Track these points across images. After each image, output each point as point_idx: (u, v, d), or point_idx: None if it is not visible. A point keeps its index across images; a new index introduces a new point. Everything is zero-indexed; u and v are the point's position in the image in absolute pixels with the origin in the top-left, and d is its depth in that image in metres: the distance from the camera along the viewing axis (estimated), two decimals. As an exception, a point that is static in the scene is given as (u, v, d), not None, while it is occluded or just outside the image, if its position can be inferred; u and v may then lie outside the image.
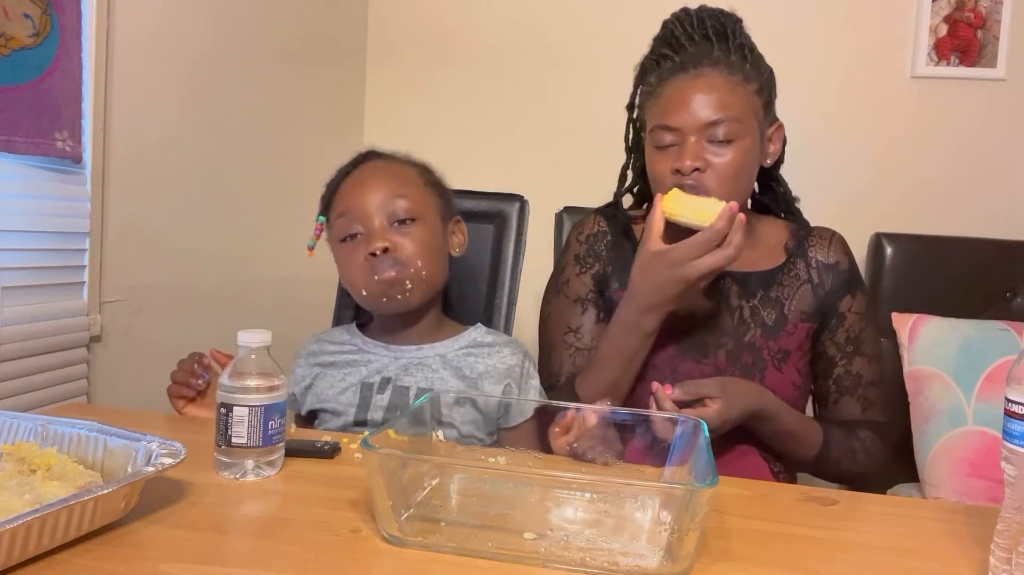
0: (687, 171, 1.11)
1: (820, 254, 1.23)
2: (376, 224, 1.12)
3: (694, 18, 1.19)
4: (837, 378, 1.21)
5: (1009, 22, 2.02)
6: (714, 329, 1.18)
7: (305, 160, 1.24)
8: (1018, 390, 0.63)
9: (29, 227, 1.29)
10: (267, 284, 1.89)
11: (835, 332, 1.21)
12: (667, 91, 1.16)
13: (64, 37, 1.29)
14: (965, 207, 2.06)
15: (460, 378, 1.15)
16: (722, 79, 1.13)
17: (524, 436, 1.14)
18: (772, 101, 1.20)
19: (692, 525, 0.65)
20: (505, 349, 1.18)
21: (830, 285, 1.21)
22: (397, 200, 1.13)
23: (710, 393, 1.04)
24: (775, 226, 1.27)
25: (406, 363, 1.16)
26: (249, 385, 0.85)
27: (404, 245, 1.12)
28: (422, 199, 1.16)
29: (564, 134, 2.23)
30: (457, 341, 1.18)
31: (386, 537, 0.70)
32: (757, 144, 1.16)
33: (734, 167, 1.12)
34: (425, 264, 1.13)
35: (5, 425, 0.85)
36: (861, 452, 1.18)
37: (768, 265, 1.22)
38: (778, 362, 1.18)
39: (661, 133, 1.15)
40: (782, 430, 1.14)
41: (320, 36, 2.13)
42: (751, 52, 1.17)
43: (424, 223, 1.15)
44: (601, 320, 1.24)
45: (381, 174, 1.17)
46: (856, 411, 1.21)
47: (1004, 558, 0.65)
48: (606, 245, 1.26)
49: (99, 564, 0.64)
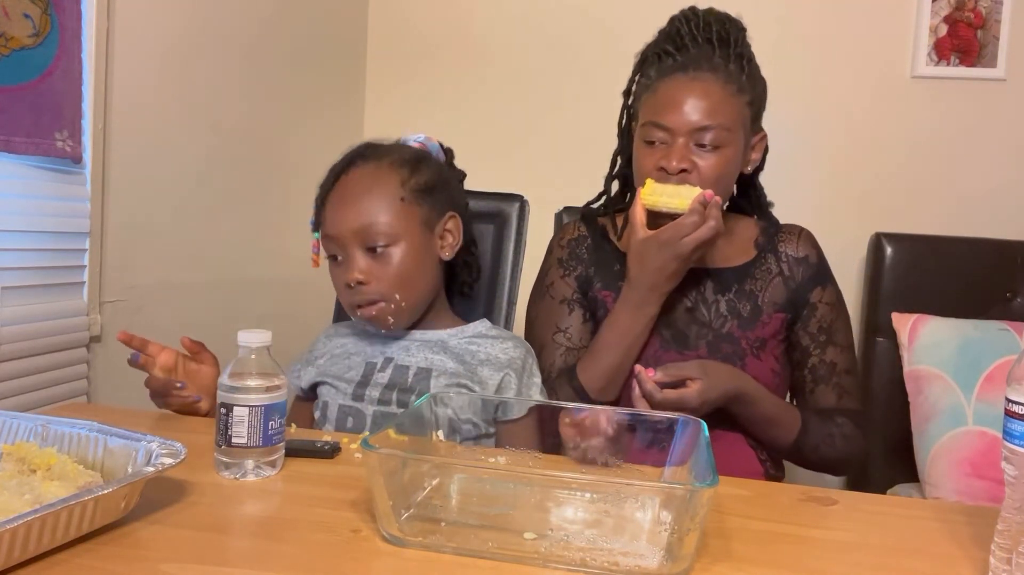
0: (673, 171, 1.15)
1: (790, 248, 1.27)
2: (352, 253, 1.11)
3: (700, 20, 1.21)
4: (812, 367, 1.24)
5: (1009, 22, 2.03)
6: (694, 322, 1.23)
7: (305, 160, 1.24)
8: (1018, 390, 0.63)
9: (29, 227, 1.29)
10: (267, 284, 1.89)
11: (807, 322, 1.25)
12: (663, 88, 1.19)
13: (64, 37, 1.29)
14: (965, 207, 2.06)
15: (460, 363, 1.15)
16: (718, 86, 1.16)
17: (523, 431, 1.14)
18: (761, 113, 1.24)
19: (692, 525, 0.65)
20: (508, 342, 1.19)
21: (800, 277, 1.26)
22: (371, 228, 1.10)
23: (691, 374, 1.08)
24: (747, 224, 1.31)
25: (408, 344, 1.17)
26: (249, 385, 0.85)
27: (380, 277, 1.11)
28: (399, 218, 1.12)
29: (564, 134, 2.24)
30: (463, 331, 1.20)
31: (386, 537, 0.70)
32: (741, 153, 1.20)
33: (716, 172, 1.16)
34: (404, 293, 1.12)
35: (5, 425, 0.85)
36: (839, 437, 1.20)
37: (741, 260, 1.26)
38: (756, 350, 1.21)
39: (651, 130, 1.18)
40: (762, 414, 1.16)
41: (320, 36, 2.13)
42: (749, 63, 1.21)
43: (402, 245, 1.12)
44: (587, 320, 1.28)
45: (358, 196, 1.13)
46: (832, 399, 1.23)
47: (1004, 558, 0.65)
48: (587, 248, 1.31)
49: (99, 564, 0.64)
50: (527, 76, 2.26)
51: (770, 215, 1.33)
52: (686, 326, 1.22)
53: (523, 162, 2.22)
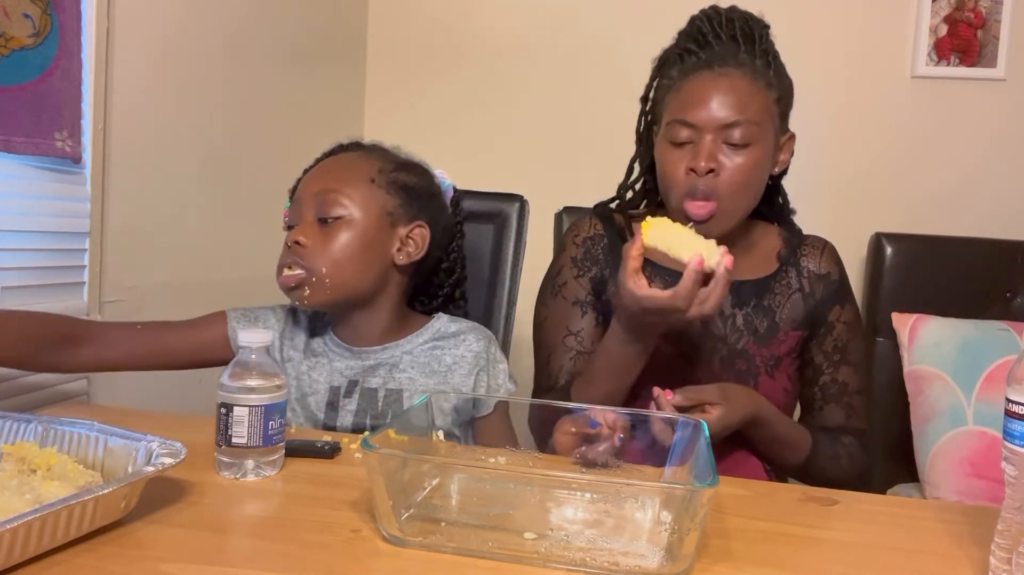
0: (701, 172, 1.10)
1: (812, 264, 1.24)
2: (305, 215, 1.10)
3: (723, 17, 1.18)
4: (823, 385, 1.22)
5: (1009, 22, 2.03)
6: (708, 336, 1.19)
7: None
8: (1018, 390, 0.63)
9: (29, 227, 1.29)
10: (267, 284, 1.89)
11: (823, 341, 1.22)
12: (688, 86, 1.15)
13: (64, 37, 1.29)
14: (965, 207, 2.06)
15: (430, 373, 1.13)
16: (745, 82, 1.12)
17: (496, 423, 1.13)
18: (788, 111, 1.20)
19: (692, 525, 0.65)
20: (470, 336, 1.16)
21: (821, 295, 1.22)
22: (329, 195, 1.09)
23: (711, 399, 1.04)
24: (768, 233, 1.27)
25: (373, 364, 1.14)
26: (249, 385, 0.85)
27: (318, 247, 1.08)
28: (359, 197, 1.10)
29: (564, 134, 2.23)
30: (421, 335, 1.16)
31: (386, 537, 0.70)
32: (771, 152, 1.16)
33: (746, 173, 1.11)
34: (332, 271, 1.08)
35: (5, 425, 0.85)
36: (845, 458, 1.19)
37: (761, 273, 1.23)
38: (770, 368, 1.19)
39: (678, 128, 1.14)
40: (775, 436, 1.14)
41: (320, 36, 2.13)
42: (775, 60, 1.17)
43: (353, 226, 1.09)
44: (600, 324, 1.23)
45: (331, 167, 1.14)
46: (840, 418, 1.22)
47: (1004, 558, 0.65)
48: (603, 249, 1.25)
49: (99, 564, 0.64)
50: (527, 76, 2.26)
51: (793, 224, 1.28)
52: (700, 339, 1.19)
53: (523, 162, 2.22)
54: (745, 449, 1.17)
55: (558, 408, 0.98)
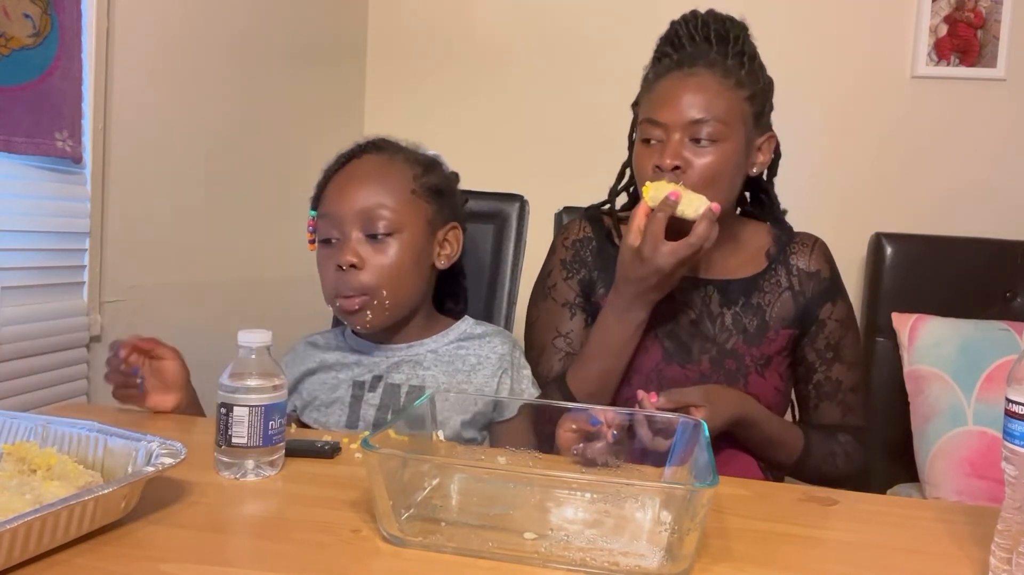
0: (667, 169, 1.13)
1: (801, 262, 1.23)
2: (350, 235, 1.08)
3: (699, 20, 1.20)
4: (817, 383, 1.22)
5: (1009, 22, 2.03)
6: (698, 335, 1.20)
7: (305, 160, 1.24)
8: (1018, 390, 0.63)
9: (29, 227, 1.29)
10: (267, 284, 1.89)
11: (815, 339, 1.22)
12: (659, 87, 1.17)
13: (64, 37, 1.29)
14: (965, 207, 2.06)
15: (453, 372, 1.14)
16: (714, 81, 1.14)
17: (517, 429, 1.13)
18: (765, 111, 1.20)
19: (692, 525, 0.65)
20: (495, 338, 1.17)
21: (811, 293, 1.22)
22: (376, 211, 1.08)
23: (695, 401, 1.04)
24: (758, 231, 1.27)
25: (397, 360, 1.15)
26: (249, 385, 0.85)
27: (374, 265, 1.08)
28: (406, 210, 1.10)
29: (564, 134, 2.23)
30: (447, 335, 1.18)
31: (386, 537, 0.70)
32: (742, 150, 1.16)
33: (713, 169, 1.12)
34: (392, 290, 1.09)
35: (5, 425, 0.85)
36: (841, 456, 1.19)
37: (749, 272, 1.23)
38: (760, 368, 1.19)
39: (648, 127, 1.16)
40: (764, 437, 1.14)
41: (320, 36, 2.13)
42: (751, 60, 1.18)
43: (403, 239, 1.09)
44: (588, 325, 1.24)
45: (368, 177, 1.12)
46: (836, 416, 1.22)
47: (1004, 558, 0.65)
48: (591, 251, 1.27)
49: (99, 564, 0.64)
50: (527, 76, 2.26)
51: (783, 222, 1.28)
52: (690, 339, 1.19)
53: (523, 162, 2.22)
54: (735, 447, 1.17)
55: (559, 407, 0.98)
